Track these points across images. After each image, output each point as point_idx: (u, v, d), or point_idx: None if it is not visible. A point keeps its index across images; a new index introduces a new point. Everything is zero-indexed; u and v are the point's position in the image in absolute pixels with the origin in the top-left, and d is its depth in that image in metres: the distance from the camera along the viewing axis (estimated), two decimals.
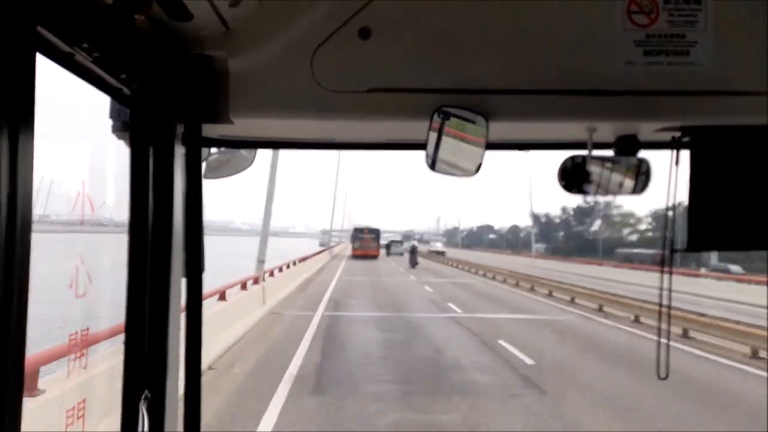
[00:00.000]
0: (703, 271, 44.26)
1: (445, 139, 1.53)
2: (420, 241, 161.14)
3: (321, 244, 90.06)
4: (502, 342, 13.79)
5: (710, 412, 9.03)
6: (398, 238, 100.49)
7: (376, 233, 65.56)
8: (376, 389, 9.61)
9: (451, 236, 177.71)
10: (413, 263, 47.86)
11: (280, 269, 23.95)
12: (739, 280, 35.47)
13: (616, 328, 17.15)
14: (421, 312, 19.92)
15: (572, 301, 23.43)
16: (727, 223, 1.65)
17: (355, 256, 61.20)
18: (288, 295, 21.46)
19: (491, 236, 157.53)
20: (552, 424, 8.15)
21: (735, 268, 45.73)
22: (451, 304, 21.88)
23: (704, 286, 30.06)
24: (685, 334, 14.98)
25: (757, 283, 29.06)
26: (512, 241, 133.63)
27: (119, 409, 1.51)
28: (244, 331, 13.39)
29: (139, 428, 1.50)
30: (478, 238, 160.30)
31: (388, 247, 74.85)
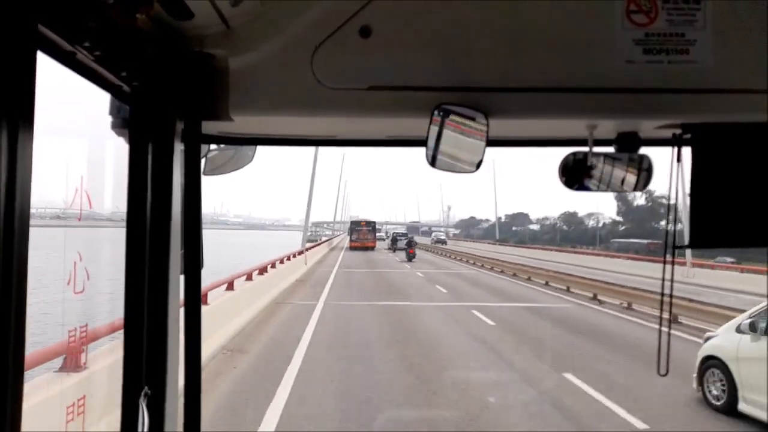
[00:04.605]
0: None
1: (445, 136, 1.53)
2: (427, 233, 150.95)
3: (309, 240, 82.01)
4: None
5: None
6: (402, 230, 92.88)
7: (372, 225, 66.59)
8: None
9: (468, 228, 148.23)
10: (409, 257, 46.25)
11: None
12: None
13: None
14: None
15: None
16: (728, 220, 1.65)
17: (353, 248, 61.97)
18: None
19: (531, 227, 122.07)
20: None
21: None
22: None
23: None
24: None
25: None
26: (571, 234, 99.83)
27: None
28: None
29: (139, 425, 1.50)
30: (509, 230, 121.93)
31: (393, 241, 66.38)
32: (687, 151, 1.65)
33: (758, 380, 7.34)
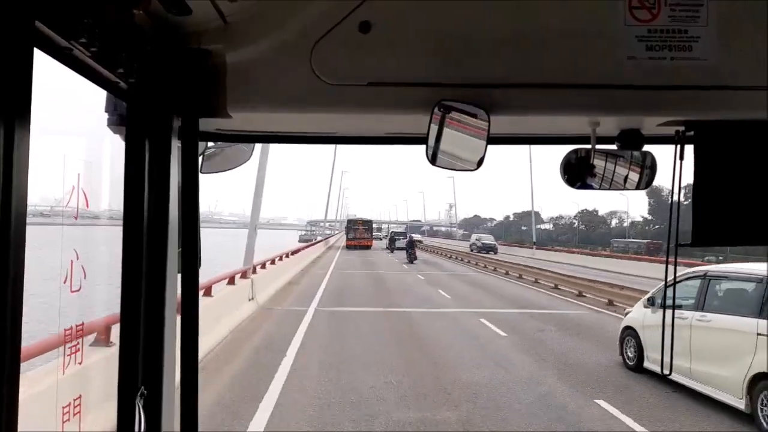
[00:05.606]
0: None
1: (446, 133, 1.52)
2: (430, 233, 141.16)
3: (301, 240, 74.21)
4: None
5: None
6: (402, 229, 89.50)
7: (368, 224, 67.08)
8: None
9: (472, 228, 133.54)
10: (411, 259, 44.79)
11: None
12: None
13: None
14: None
15: None
16: (731, 218, 1.64)
17: (349, 246, 62.01)
18: None
19: (542, 227, 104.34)
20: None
21: None
22: None
23: None
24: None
25: None
26: (591, 234, 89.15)
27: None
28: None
29: (136, 425, 1.49)
30: (518, 230, 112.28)
31: (392, 241, 62.80)
32: (689, 149, 1.64)
33: (655, 343, 9.44)
